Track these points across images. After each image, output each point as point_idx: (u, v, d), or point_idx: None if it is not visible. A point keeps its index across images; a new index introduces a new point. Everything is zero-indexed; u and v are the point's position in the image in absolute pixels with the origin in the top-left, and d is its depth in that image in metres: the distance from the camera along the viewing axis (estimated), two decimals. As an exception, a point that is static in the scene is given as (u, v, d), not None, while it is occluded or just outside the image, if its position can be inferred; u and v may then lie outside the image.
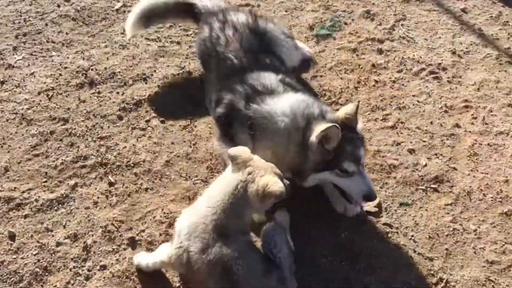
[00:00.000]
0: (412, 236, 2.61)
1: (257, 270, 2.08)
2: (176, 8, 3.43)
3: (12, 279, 2.38)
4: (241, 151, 2.17)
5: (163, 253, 2.24)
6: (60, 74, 3.46)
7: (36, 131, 3.06)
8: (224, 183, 2.15)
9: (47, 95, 3.30)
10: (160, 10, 3.40)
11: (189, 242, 2.08)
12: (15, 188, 2.74)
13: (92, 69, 3.51)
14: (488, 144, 3.05)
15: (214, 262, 2.03)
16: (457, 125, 3.17)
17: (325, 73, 3.55)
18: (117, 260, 2.48)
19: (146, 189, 2.80)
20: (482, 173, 2.90)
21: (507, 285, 2.41)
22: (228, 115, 2.65)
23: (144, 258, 2.36)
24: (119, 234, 2.58)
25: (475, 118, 3.22)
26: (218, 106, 2.74)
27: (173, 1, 3.40)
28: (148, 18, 3.40)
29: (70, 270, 2.42)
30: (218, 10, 3.31)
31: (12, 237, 2.54)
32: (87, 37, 3.80)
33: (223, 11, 3.26)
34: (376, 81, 3.49)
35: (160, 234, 2.59)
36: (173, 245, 2.14)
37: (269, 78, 2.69)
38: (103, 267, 2.45)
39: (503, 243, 2.57)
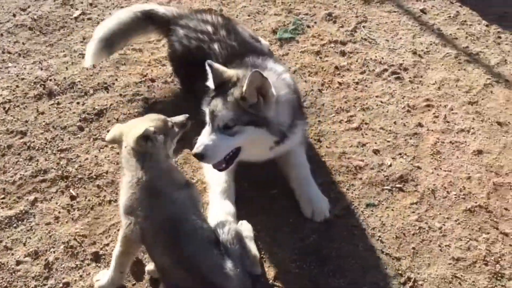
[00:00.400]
0: (379, 236, 2.62)
1: (198, 234, 2.11)
2: (138, 24, 3.25)
3: (-30, 302, 2.29)
4: (112, 131, 2.22)
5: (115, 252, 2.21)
6: (17, 86, 3.36)
7: (-8, 145, 2.96)
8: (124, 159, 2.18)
9: (4, 108, 3.19)
10: (122, 30, 3.19)
11: (133, 216, 2.09)
12: (-29, 206, 2.64)
13: (50, 80, 3.41)
14: (450, 142, 3.10)
15: (156, 225, 2.08)
16: (420, 124, 3.21)
17: (289, 77, 3.55)
18: (80, 276, 2.40)
19: (110, 201, 2.72)
20: (445, 171, 2.94)
21: (473, 281, 2.44)
22: None
23: (104, 276, 2.29)
24: (82, 249, 2.51)
25: (437, 116, 3.27)
26: None
27: (133, 17, 3.23)
28: (111, 43, 3.17)
29: (31, 289, 2.34)
30: (183, 13, 3.28)
31: (-32, 258, 2.43)
32: (45, 46, 3.70)
33: (189, 13, 3.25)
34: (340, 83, 3.51)
35: (125, 247, 2.52)
36: (122, 227, 2.14)
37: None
38: (66, 284, 2.37)
39: (468, 239, 2.61)
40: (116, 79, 3.44)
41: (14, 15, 3.93)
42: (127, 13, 3.25)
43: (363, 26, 4.01)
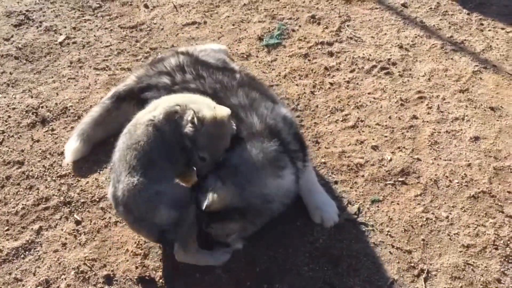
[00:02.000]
0: (388, 231, 2.64)
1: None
2: (110, 110, 3.11)
3: (-15, 338, 2.25)
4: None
5: None
6: (9, 116, 3.33)
7: (-10, 178, 2.92)
8: None
9: (-2, 139, 3.16)
10: (98, 122, 3.07)
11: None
12: (-24, 241, 2.60)
13: (42, 107, 3.39)
14: (446, 131, 3.14)
15: None
16: (415, 117, 3.24)
17: (280, 82, 3.57)
18: None
19: (116, 223, 2.70)
20: (445, 160, 2.97)
21: (486, 267, 2.46)
22: None
23: None
24: (93, 273, 2.48)
25: (430, 107, 3.31)
26: None
27: (103, 107, 3.11)
28: (90, 137, 3.04)
29: (46, 319, 2.31)
30: (141, 74, 3.13)
31: (-21, 294, 2.40)
32: (33, 74, 3.67)
33: (146, 71, 3.12)
34: (331, 84, 3.53)
35: (137, 267, 2.51)
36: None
37: None
38: (81, 311, 2.35)
39: (475, 225, 2.63)
40: (108, 100, 3.41)
41: (-2, 46, 3.90)
42: (96, 107, 3.15)
43: (347, 25, 4.05)
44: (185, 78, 2.92)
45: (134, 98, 3.12)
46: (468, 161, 2.96)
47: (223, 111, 2.34)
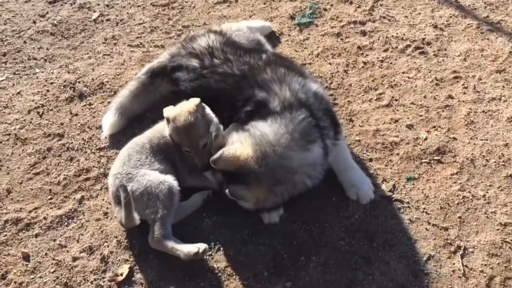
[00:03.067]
0: (424, 208, 2.65)
1: None
2: (146, 85, 3.17)
3: (34, 299, 2.34)
4: None
5: None
6: (48, 90, 3.40)
7: (32, 149, 3.00)
8: None
9: (38, 113, 3.24)
10: (134, 97, 3.13)
11: None
12: (20, 208, 2.69)
13: (79, 82, 3.45)
14: (483, 111, 3.11)
15: None
16: (450, 96, 3.22)
17: (313, 60, 3.57)
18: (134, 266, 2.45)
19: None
20: (482, 139, 2.95)
21: (523, 245, 2.46)
22: None
23: None
24: (134, 241, 2.55)
25: (466, 87, 3.28)
26: None
27: (139, 82, 3.18)
28: (126, 111, 3.09)
29: (91, 283, 2.38)
30: (174, 52, 3.20)
31: (26, 257, 2.48)
32: (69, 50, 3.73)
33: (179, 48, 3.18)
34: (365, 63, 3.52)
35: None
36: None
37: None
38: (122, 275, 2.41)
39: (513, 204, 2.63)
40: (143, 76, 3.46)
41: (34, 22, 3.96)
42: (133, 82, 3.21)
43: (380, 5, 4.01)
44: (213, 63, 2.97)
45: (167, 76, 3.17)
46: (506, 141, 2.94)
47: (187, 105, 2.51)
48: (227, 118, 2.75)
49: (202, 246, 2.33)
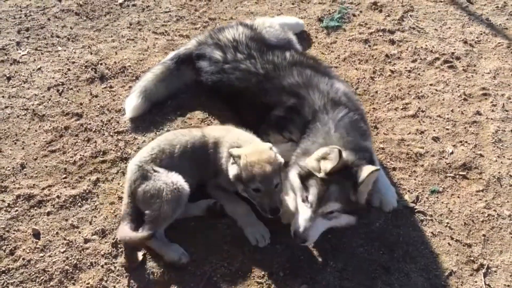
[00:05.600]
0: (448, 223, 2.57)
1: None
2: (171, 71, 3.13)
3: (42, 277, 2.25)
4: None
5: None
6: (69, 69, 3.33)
7: (49, 126, 2.93)
8: None
9: (58, 90, 3.17)
10: (159, 81, 3.08)
11: None
12: (34, 185, 2.61)
13: (101, 64, 3.39)
14: (511, 130, 3.04)
15: None
16: (478, 113, 3.16)
17: (339, 64, 3.51)
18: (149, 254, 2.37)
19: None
20: (509, 159, 2.89)
21: (548, 268, 2.38)
22: None
23: None
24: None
25: (495, 105, 3.22)
26: None
27: (165, 66, 3.13)
28: (150, 95, 3.03)
29: (102, 267, 2.30)
30: (202, 40, 3.18)
31: (36, 235, 2.40)
32: (93, 31, 3.67)
33: (207, 37, 3.17)
34: (392, 71, 3.46)
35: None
36: None
37: None
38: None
39: (539, 227, 2.55)
40: (167, 64, 3.39)
41: (59, 0, 3.91)
42: (158, 66, 3.16)
43: (410, 15, 3.96)
44: (236, 57, 2.94)
45: (192, 63, 3.12)
46: (533, 162, 2.87)
47: (261, 145, 2.42)
48: (248, 118, 2.74)
49: (184, 257, 2.32)
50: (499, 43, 3.72)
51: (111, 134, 2.92)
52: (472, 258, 2.43)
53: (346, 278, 2.34)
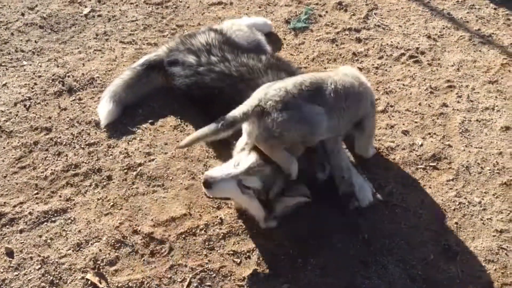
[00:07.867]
0: (421, 214, 2.63)
1: None
2: (140, 77, 3.14)
3: (18, 297, 2.21)
4: None
5: None
6: (35, 83, 3.28)
7: (18, 142, 2.88)
8: None
9: (25, 105, 3.12)
10: (128, 87, 3.09)
11: None
12: (4, 203, 2.56)
13: (68, 76, 3.35)
14: (477, 120, 3.13)
15: None
16: (445, 105, 3.23)
17: (309, 64, 3.55)
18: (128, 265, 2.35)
19: (144, 194, 2.67)
20: (476, 147, 2.96)
21: (519, 251, 2.46)
22: None
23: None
24: (124, 238, 2.45)
25: (460, 96, 3.30)
26: None
27: (134, 72, 3.14)
28: (120, 100, 3.04)
29: (79, 281, 2.27)
30: (172, 46, 3.19)
31: (10, 253, 2.36)
32: (58, 44, 3.63)
33: (178, 44, 3.17)
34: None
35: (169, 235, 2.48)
36: None
37: None
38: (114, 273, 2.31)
39: (508, 212, 2.63)
40: (136, 73, 3.37)
41: (22, 14, 3.85)
42: (128, 72, 3.16)
43: (375, 13, 4.03)
44: (210, 60, 2.95)
45: (162, 70, 3.12)
46: (499, 149, 2.95)
47: None
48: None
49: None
50: (461, 36, 3.82)
51: (82, 146, 2.89)
52: (446, 247, 2.48)
53: (327, 274, 2.36)
